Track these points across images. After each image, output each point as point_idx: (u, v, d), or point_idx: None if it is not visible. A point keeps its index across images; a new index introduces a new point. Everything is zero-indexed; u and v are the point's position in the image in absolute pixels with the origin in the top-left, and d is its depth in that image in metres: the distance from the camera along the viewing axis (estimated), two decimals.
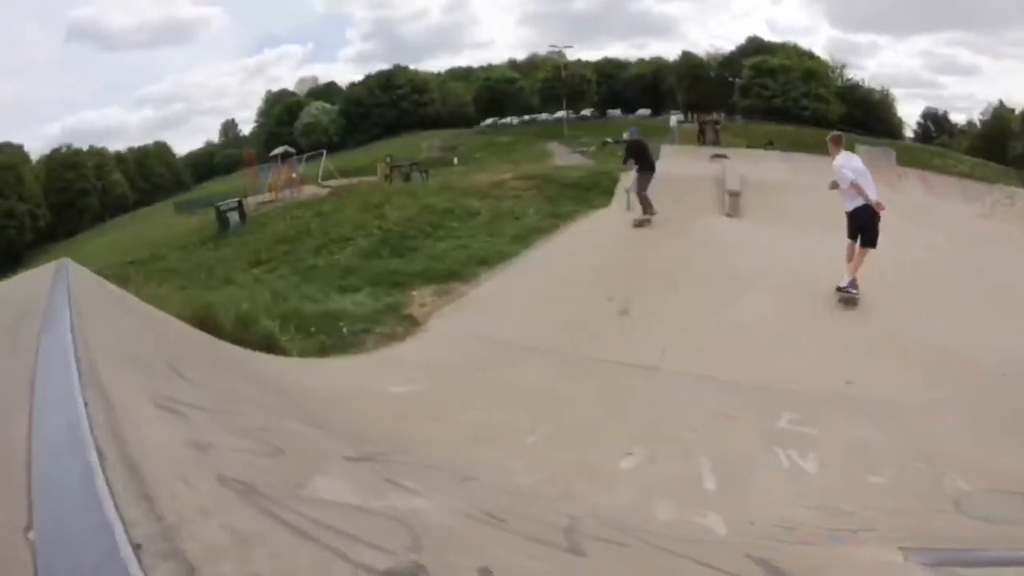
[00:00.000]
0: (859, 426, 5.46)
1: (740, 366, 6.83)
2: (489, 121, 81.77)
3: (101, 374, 2.17)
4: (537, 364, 6.85)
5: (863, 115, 70.55)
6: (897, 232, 13.03)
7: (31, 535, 1.38)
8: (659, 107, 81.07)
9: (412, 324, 8.19)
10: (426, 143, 54.60)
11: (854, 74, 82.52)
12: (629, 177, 17.92)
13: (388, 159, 33.30)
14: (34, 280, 6.95)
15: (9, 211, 65.43)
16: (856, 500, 4.21)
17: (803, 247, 11.88)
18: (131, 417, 1.79)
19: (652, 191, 13.96)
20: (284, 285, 11.02)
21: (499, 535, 2.42)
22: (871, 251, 8.96)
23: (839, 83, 78.27)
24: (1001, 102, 72.62)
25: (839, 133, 10.01)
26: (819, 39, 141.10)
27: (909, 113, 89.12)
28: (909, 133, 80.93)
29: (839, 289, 8.87)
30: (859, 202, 9.00)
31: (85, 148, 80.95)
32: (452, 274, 10.23)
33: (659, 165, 23.72)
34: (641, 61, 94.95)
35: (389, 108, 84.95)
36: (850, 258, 9.09)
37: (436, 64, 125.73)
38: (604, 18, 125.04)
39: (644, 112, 78.72)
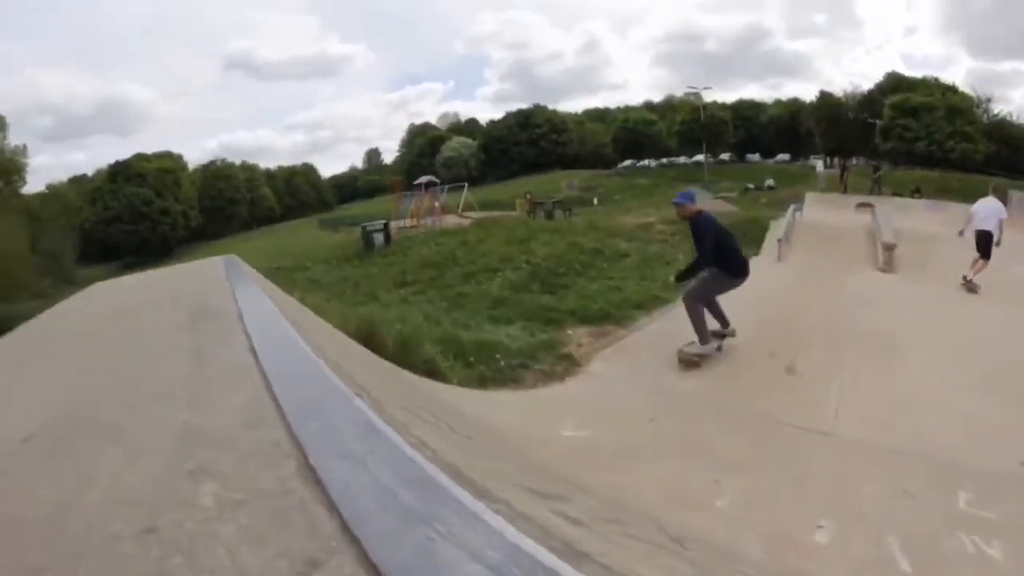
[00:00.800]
0: None
1: (911, 436, 6.25)
2: (627, 163, 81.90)
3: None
4: (709, 419, 6.56)
5: (1012, 155, 62.72)
6: None
7: None
8: (798, 151, 78.45)
9: (571, 364, 7.98)
10: (564, 182, 55.08)
11: (1000, 108, 74.41)
12: (780, 226, 17.32)
13: (529, 195, 33.85)
14: (210, 269, 7.40)
15: (165, 209, 74.54)
16: None
17: (964, 306, 11.19)
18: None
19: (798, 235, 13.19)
20: (433, 309, 11.11)
21: None
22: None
23: (985, 119, 70.12)
24: None
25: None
26: (958, 71, 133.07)
27: None
28: None
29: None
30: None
31: (238, 163, 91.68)
32: (607, 315, 9.99)
33: (805, 212, 23.00)
34: (778, 102, 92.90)
35: (528, 146, 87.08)
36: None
37: (572, 105, 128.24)
38: (736, 58, 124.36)
39: (783, 157, 77.04)
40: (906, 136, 64.90)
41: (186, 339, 3.82)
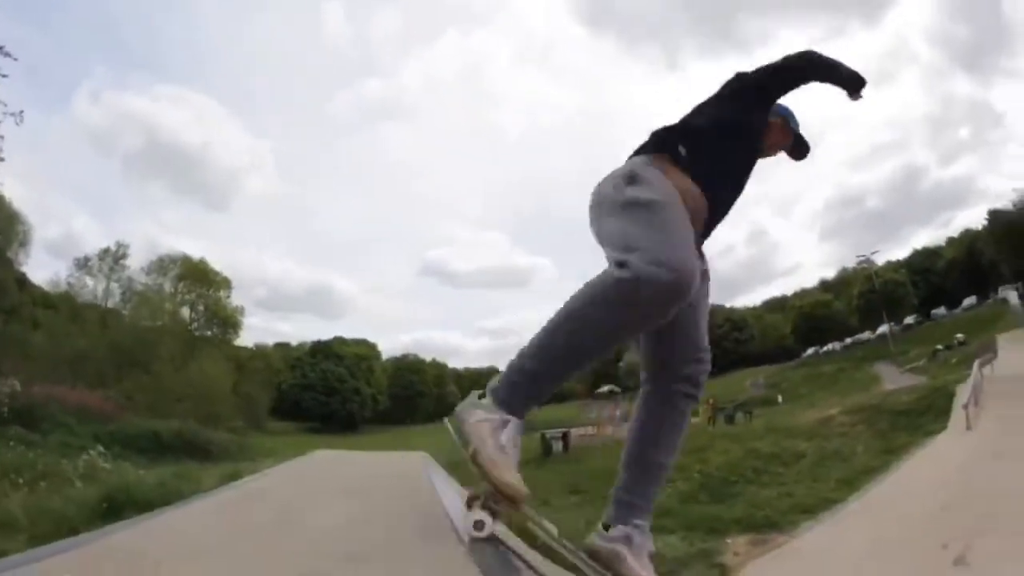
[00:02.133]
0: None
1: None
2: (810, 351, 78.98)
3: None
4: None
5: None
6: None
7: None
8: (986, 288, 69.39)
9: (722, 573, 8.11)
10: (749, 381, 53.76)
11: None
12: (965, 389, 16.26)
13: (711, 401, 33.54)
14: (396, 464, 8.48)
15: (357, 389, 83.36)
16: None
17: None
18: None
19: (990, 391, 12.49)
20: (598, 515, 11.28)
21: None
22: None
23: None
24: None
25: None
26: None
27: None
28: None
29: None
30: None
31: (428, 359, 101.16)
32: (770, 523, 10.03)
33: (999, 362, 21.18)
34: (951, 241, 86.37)
35: (711, 347, 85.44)
36: None
37: (749, 299, 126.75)
38: (899, 206, 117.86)
39: (970, 301, 68.87)
40: None
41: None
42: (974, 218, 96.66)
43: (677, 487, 13.72)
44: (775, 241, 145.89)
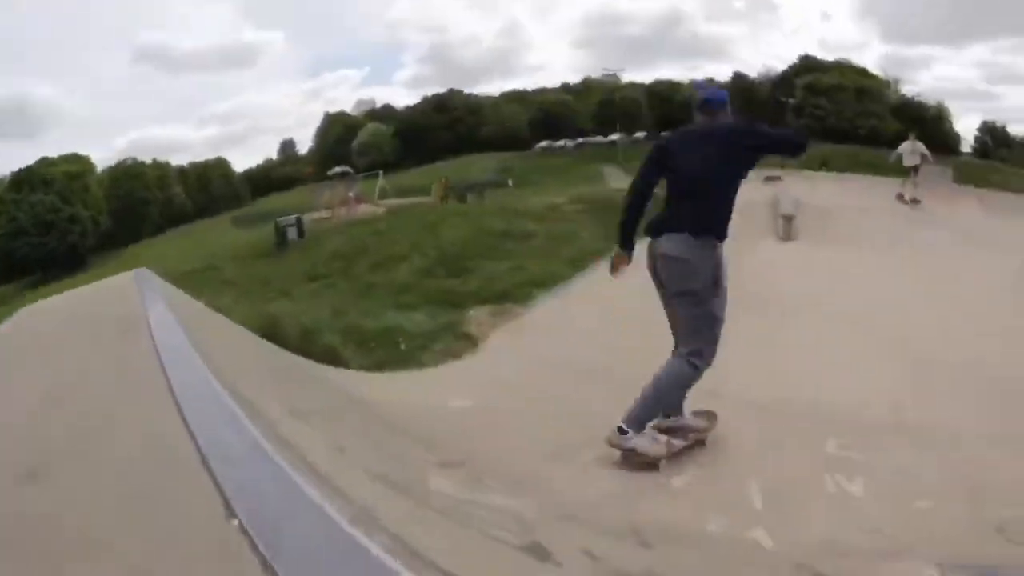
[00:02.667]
0: (907, 454, 5.44)
1: (791, 392, 6.77)
2: (543, 144, 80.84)
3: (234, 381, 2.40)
4: (595, 386, 6.82)
5: (919, 132, 68.16)
6: (952, 257, 12.91)
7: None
8: None
9: (469, 342, 8.31)
10: (481, 165, 54.65)
11: (908, 89, 79.77)
12: None
13: (444, 180, 33.54)
14: (119, 286, 7.43)
15: (73, 216, 69.27)
16: (896, 522, 4.27)
17: (857, 270, 11.91)
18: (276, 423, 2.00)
19: None
20: (342, 301, 11.23)
21: (583, 530, 2.62)
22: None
23: (893, 99, 75.66)
24: None
25: None
26: (871, 55, 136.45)
27: (966, 127, 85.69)
28: (967, 148, 76.86)
29: None
30: None
31: (149, 161, 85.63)
32: (508, 295, 10.29)
33: None
34: (692, 83, 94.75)
35: (444, 130, 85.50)
36: None
37: (490, 88, 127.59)
38: (656, 41, 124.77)
39: None
40: (817, 114, 69.10)
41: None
42: (719, 73, 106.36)
43: (413, 263, 13.74)
44: (527, 39, 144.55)
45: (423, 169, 64.10)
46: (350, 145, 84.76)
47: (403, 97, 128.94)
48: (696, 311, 4.83)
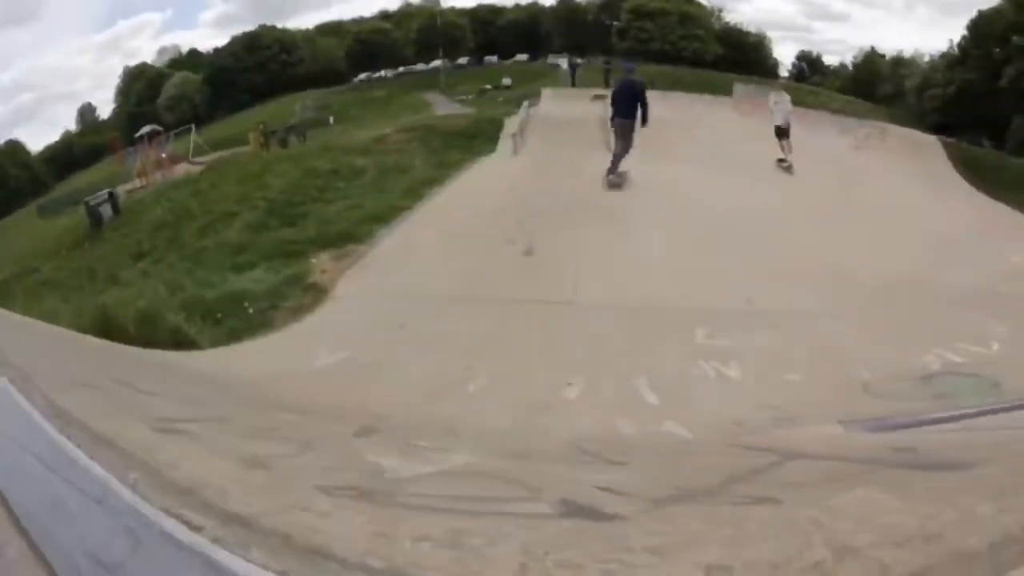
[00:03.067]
0: (767, 336, 6.03)
1: (649, 293, 7.23)
2: (363, 76, 78.86)
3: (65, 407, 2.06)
4: (454, 313, 6.97)
5: (740, 56, 73.32)
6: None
7: None
8: (536, 52, 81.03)
9: (319, 293, 8.04)
10: (299, 105, 52.37)
11: (731, 17, 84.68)
12: (513, 123, 18.03)
13: (261, 126, 31.70)
14: None
15: None
16: (780, 396, 4.69)
17: (690, 180, 12.65)
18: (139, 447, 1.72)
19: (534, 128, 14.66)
20: (175, 274, 10.29)
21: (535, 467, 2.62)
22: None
23: (716, 26, 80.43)
24: (872, 48, 78.07)
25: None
26: None
27: (785, 55, 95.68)
28: (784, 73, 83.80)
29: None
30: None
31: None
32: (348, 236, 10.01)
33: (542, 108, 24.15)
34: (517, 6, 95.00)
35: (257, 72, 79.88)
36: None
37: (303, 20, 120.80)
38: None
39: (522, 57, 78.63)
40: (641, 37, 72.01)
41: None
42: None
43: (244, 218, 13.02)
44: None
45: (238, 117, 60.72)
46: (157, 101, 78.79)
47: (211, 39, 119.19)
48: (631, 139, 12.59)
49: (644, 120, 12.30)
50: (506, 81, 51.54)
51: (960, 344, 6.46)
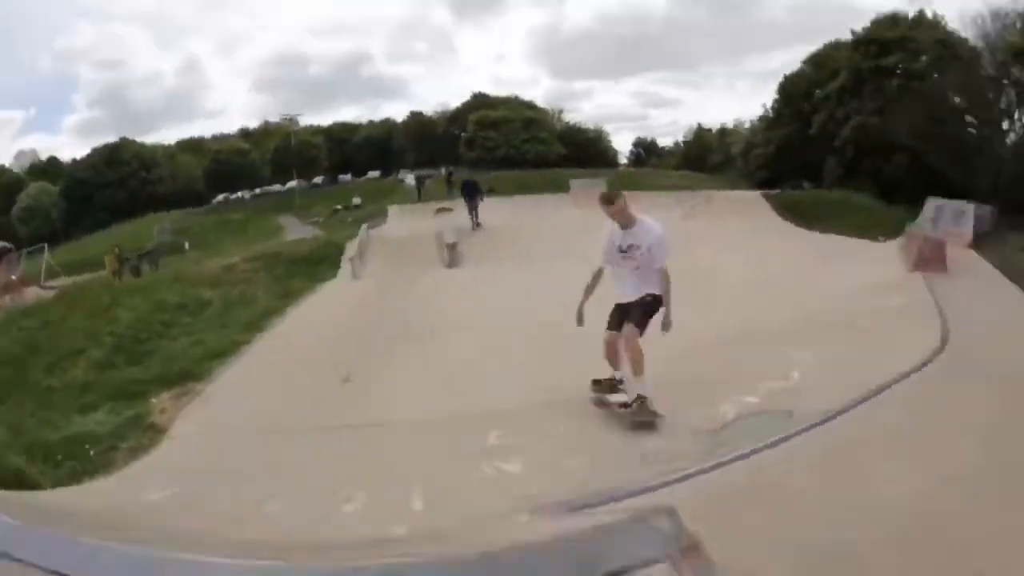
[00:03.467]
0: (558, 426, 6.92)
1: (453, 402, 8.10)
2: (220, 198, 79.24)
3: None
4: (275, 443, 7.81)
5: (581, 153, 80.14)
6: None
7: None
8: (389, 167, 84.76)
9: (156, 432, 8.55)
10: (157, 228, 50.72)
11: (571, 117, 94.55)
12: (353, 247, 19.25)
13: (116, 250, 30.66)
14: None
15: None
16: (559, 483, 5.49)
17: (513, 285, 13.85)
18: None
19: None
20: (19, 415, 10.38)
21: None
22: None
23: (558, 127, 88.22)
24: (699, 124, 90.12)
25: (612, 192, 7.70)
26: (541, 90, 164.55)
27: (623, 143, 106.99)
28: (624, 160, 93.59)
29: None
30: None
31: None
32: (188, 374, 10.64)
33: (387, 226, 25.43)
34: (371, 123, 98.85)
35: (117, 188, 78.02)
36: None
37: (169, 135, 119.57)
38: (338, 83, 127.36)
39: (374, 174, 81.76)
40: (488, 145, 78.94)
41: None
42: (397, 111, 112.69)
43: (91, 355, 13.23)
44: (208, 80, 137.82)
45: (96, 236, 58.69)
46: (11, 212, 74.91)
47: (72, 147, 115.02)
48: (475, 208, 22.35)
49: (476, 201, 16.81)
50: (356, 200, 53.41)
51: (761, 383, 7.34)
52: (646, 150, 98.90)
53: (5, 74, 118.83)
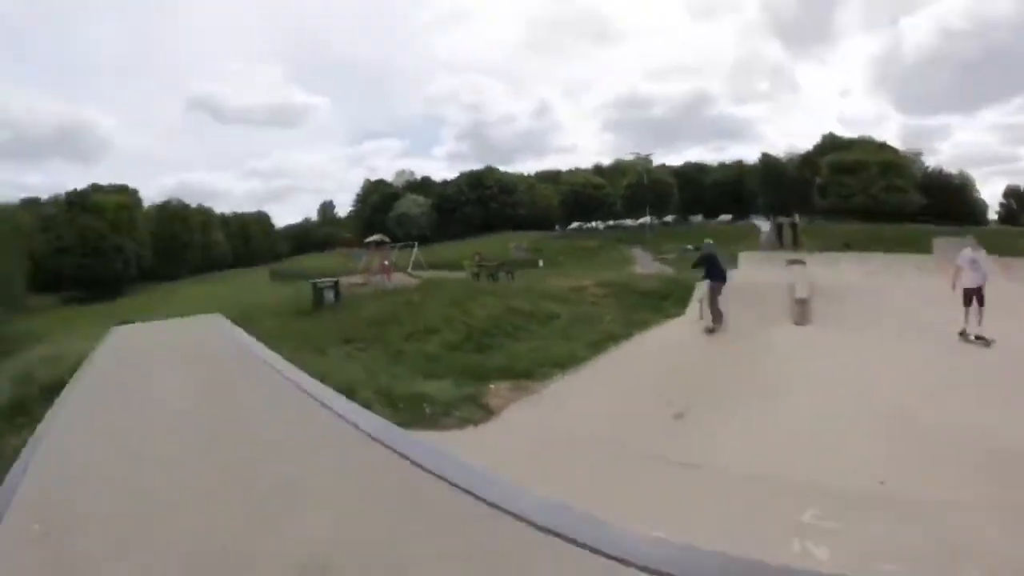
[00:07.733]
0: (885, 521, 5.81)
1: (779, 464, 7.22)
2: (575, 225, 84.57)
3: None
4: (594, 456, 7.58)
5: (944, 203, 69.44)
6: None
7: None
8: (741, 211, 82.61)
9: (487, 412, 9.13)
10: (513, 243, 55.39)
11: (930, 160, 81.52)
12: (702, 288, 18.68)
13: (476, 256, 33.89)
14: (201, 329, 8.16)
15: (119, 246, 71.13)
16: None
17: (861, 352, 12.31)
18: None
19: (724, 300, 14.69)
20: (375, 365, 12.05)
21: None
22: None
23: (919, 173, 76.93)
24: None
25: None
26: (890, 127, 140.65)
27: (993, 193, 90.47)
28: (993, 216, 78.88)
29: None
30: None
31: (194, 205, 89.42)
32: (527, 373, 11.08)
33: (737, 272, 24.32)
34: (722, 165, 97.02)
35: (478, 206, 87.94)
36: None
37: (523, 167, 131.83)
38: (682, 123, 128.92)
39: (726, 217, 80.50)
40: (843, 192, 70.71)
41: None
42: (745, 153, 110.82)
43: (444, 337, 14.61)
44: (558, 120, 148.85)
45: (456, 244, 65.15)
46: (387, 214, 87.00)
47: (441, 170, 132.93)
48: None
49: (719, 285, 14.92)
50: (708, 242, 52.12)
51: None
52: (1019, 202, 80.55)
53: (388, 111, 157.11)
